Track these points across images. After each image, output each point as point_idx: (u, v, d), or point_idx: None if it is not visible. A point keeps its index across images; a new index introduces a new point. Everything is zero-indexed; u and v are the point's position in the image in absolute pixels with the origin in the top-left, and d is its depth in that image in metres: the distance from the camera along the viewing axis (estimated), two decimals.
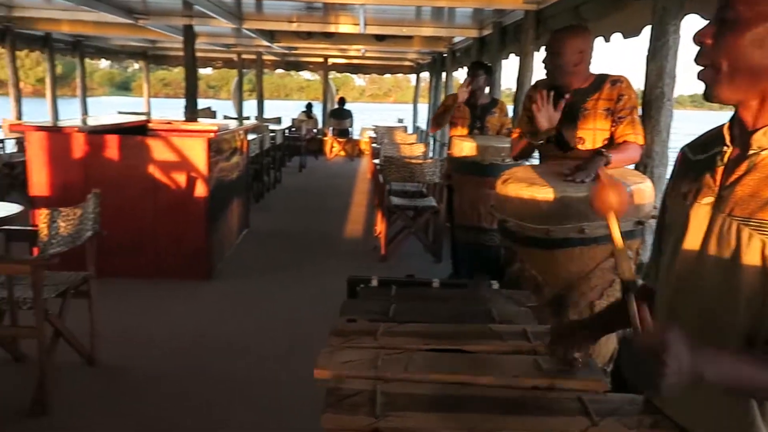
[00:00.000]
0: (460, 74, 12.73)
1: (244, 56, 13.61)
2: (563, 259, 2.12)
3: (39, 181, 4.54)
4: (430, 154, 9.86)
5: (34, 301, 2.70)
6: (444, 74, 10.54)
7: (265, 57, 13.42)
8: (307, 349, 3.52)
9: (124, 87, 52.57)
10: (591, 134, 2.54)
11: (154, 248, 4.68)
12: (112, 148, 4.53)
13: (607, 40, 3.82)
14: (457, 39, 8.99)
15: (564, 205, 2.07)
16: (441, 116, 4.65)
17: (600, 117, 2.53)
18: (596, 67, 2.66)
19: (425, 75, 14.63)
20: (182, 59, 13.77)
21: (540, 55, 2.69)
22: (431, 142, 11.03)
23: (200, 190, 4.66)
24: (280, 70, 16.68)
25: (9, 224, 3.16)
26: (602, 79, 2.58)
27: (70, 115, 10.17)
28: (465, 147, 4.05)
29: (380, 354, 1.43)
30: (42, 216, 2.63)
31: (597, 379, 1.36)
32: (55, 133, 4.53)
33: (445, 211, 4.99)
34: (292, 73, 33.11)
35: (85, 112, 11.10)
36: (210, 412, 2.91)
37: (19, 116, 8.92)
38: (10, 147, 8.11)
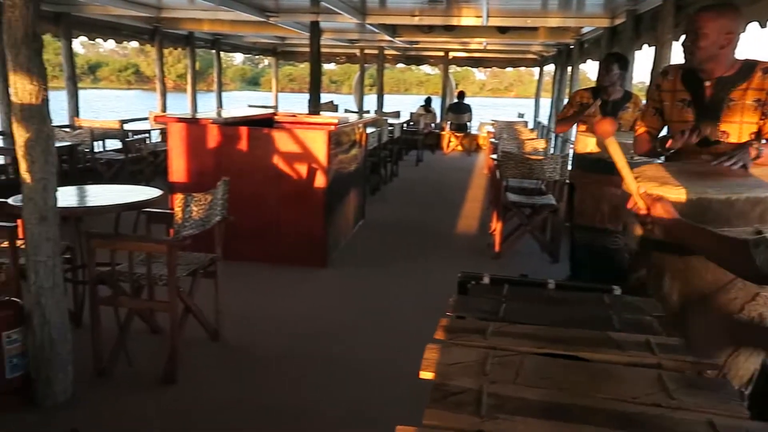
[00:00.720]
0: (588, 67, 12.09)
1: (366, 51, 13.89)
2: (699, 266, 1.93)
3: (178, 168, 4.94)
4: (551, 151, 9.48)
5: (168, 278, 2.93)
6: (570, 67, 10.08)
7: (386, 52, 13.62)
8: (414, 341, 3.53)
9: (253, 82, 55.87)
10: (737, 128, 2.29)
11: (276, 235, 4.92)
12: (242, 138, 4.82)
13: (763, 25, 3.43)
14: (585, 29, 8.55)
15: (701, 207, 1.88)
16: (570, 118, 4.37)
17: (748, 109, 2.26)
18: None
19: (549, 68, 14.09)
20: (308, 55, 14.49)
21: (679, 47, 2.43)
22: (553, 137, 10.61)
23: (320, 180, 4.83)
24: (400, 65, 16.83)
25: (150, 207, 3.46)
26: (751, 66, 2.30)
27: (206, 108, 11.00)
28: (590, 143, 3.84)
29: (489, 354, 1.38)
30: (177, 200, 2.84)
31: (732, 402, 1.22)
32: (193, 124, 4.90)
33: (566, 210, 4.76)
34: (413, 67, 33.39)
35: (219, 105, 11.92)
36: (318, 395, 3.00)
37: (164, 109, 9.77)
38: (155, 137, 8.92)
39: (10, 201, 3.20)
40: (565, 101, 5.59)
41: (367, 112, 13.17)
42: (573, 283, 1.93)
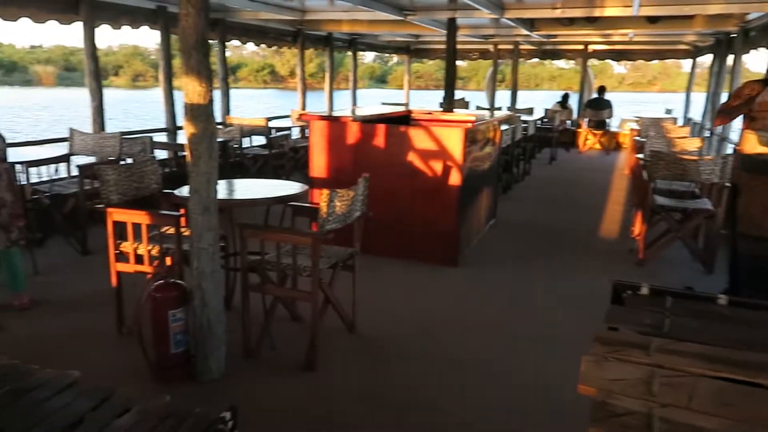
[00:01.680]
0: (751, 57, 10.88)
1: (500, 47, 13.61)
2: None
3: (318, 164, 5.16)
4: (706, 151, 8.66)
5: (311, 269, 3.07)
6: (731, 57, 9.13)
7: (521, 47, 13.24)
8: (551, 349, 3.44)
9: (381, 80, 57.05)
10: None
11: (408, 231, 4.97)
12: (379, 136, 4.92)
13: None
14: (752, 15, 7.68)
15: None
16: (735, 108, 3.91)
17: None
18: None
19: (702, 59, 12.90)
20: (441, 52, 14.46)
21: None
22: (707, 136, 9.68)
23: (454, 178, 4.80)
24: (534, 60, 16.29)
25: (295, 201, 3.64)
26: None
27: (340, 106, 11.38)
28: (760, 142, 3.44)
29: (656, 374, 1.27)
30: (323, 195, 2.96)
31: None
32: (334, 122, 5.09)
33: (725, 216, 4.32)
34: (545, 62, 32.24)
35: (354, 103, 12.30)
36: (449, 394, 2.99)
37: (304, 107, 10.27)
38: (295, 134, 9.41)
39: (175, 192, 3.51)
40: (723, 96, 5.06)
41: (499, 108, 12.90)
42: (749, 300, 1.73)
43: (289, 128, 9.04)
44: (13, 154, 4.15)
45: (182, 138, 7.03)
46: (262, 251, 3.26)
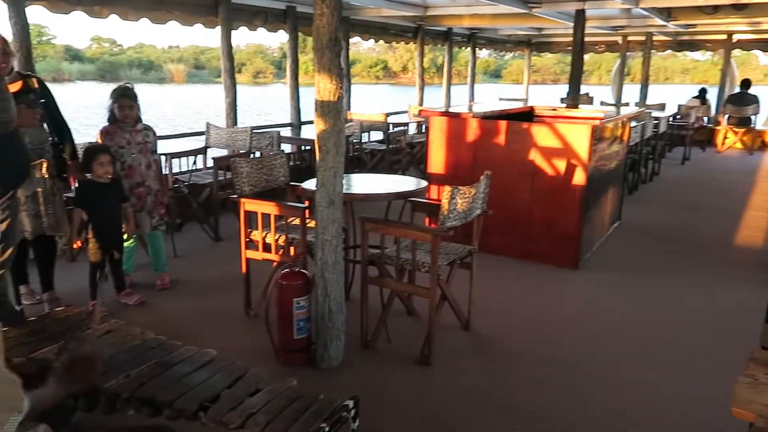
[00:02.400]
0: None
1: (630, 38, 12.82)
2: None
3: (436, 160, 5.16)
4: None
5: (430, 265, 3.08)
6: None
7: (655, 37, 12.38)
8: (685, 365, 3.20)
9: (495, 75, 55.81)
10: None
11: (527, 231, 4.84)
12: (500, 132, 4.83)
13: None
14: None
15: None
16: None
17: None
18: None
19: None
20: (565, 45, 13.89)
21: None
22: None
23: (578, 177, 4.60)
24: (667, 51, 15.13)
25: (415, 197, 3.67)
26: None
27: (454, 101, 11.28)
28: None
29: None
30: (445, 192, 2.95)
31: None
32: (453, 118, 5.06)
33: None
34: (677, 54, 29.93)
35: (472, 98, 12.16)
36: (563, 402, 2.87)
37: (421, 103, 10.32)
38: (412, 129, 9.48)
39: (302, 185, 3.67)
40: None
41: (626, 104, 12.16)
42: None
43: (406, 124, 9.13)
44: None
45: (306, 133, 7.36)
46: (382, 245, 3.33)
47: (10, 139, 2.67)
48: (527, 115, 5.56)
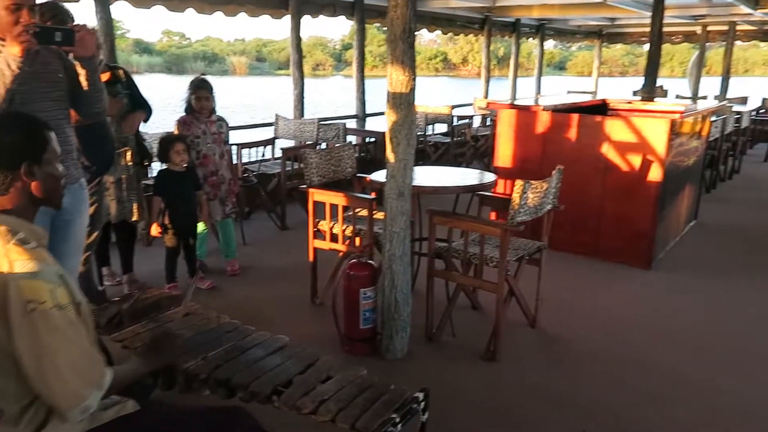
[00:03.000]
0: None
1: (711, 28, 12.14)
2: None
3: (503, 154, 5.07)
4: None
5: (499, 260, 3.03)
6: None
7: (738, 27, 11.68)
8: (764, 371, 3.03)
9: (560, 67, 54.08)
10: None
11: (597, 228, 4.69)
12: (571, 126, 4.69)
13: None
14: None
15: None
16: None
17: None
18: None
19: None
20: (638, 36, 13.32)
21: None
22: None
23: (653, 174, 4.41)
24: (753, 42, 14.25)
25: (483, 191, 3.62)
26: None
27: (517, 94, 11.01)
28: None
29: None
30: (516, 186, 2.90)
31: None
32: (523, 111, 4.96)
33: None
34: (759, 44, 28.17)
35: (538, 91, 11.87)
36: (637, 404, 2.77)
37: (486, 95, 10.17)
38: (477, 122, 9.35)
39: (371, 177, 3.69)
40: None
41: (704, 97, 11.55)
42: None
43: (470, 117, 9.02)
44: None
45: (371, 125, 7.40)
46: (449, 238, 3.30)
47: (101, 128, 2.82)
48: (599, 108, 5.37)
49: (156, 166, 4.30)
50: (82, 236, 2.59)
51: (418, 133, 7.65)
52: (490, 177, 3.75)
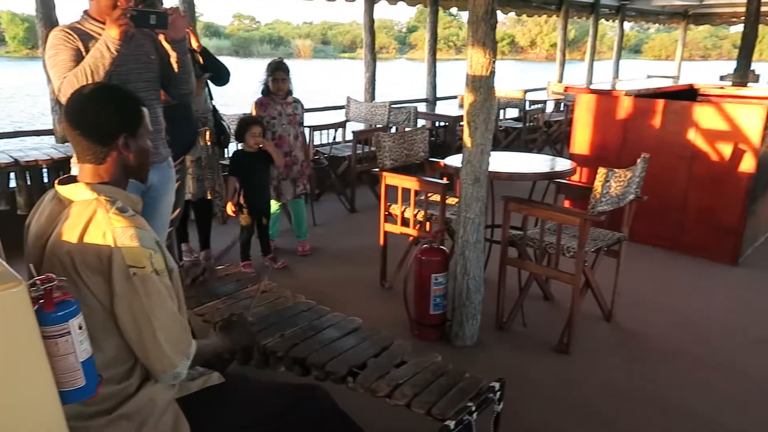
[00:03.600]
0: None
1: None
2: None
3: (580, 140, 4.89)
4: None
5: (577, 251, 2.93)
6: None
7: None
8: None
9: (635, 50, 51.36)
10: None
11: (679, 220, 4.46)
12: (655, 112, 4.46)
13: None
14: None
15: None
16: None
17: None
18: None
19: None
20: (730, 17, 12.49)
21: None
22: None
23: (745, 164, 4.13)
24: None
25: (561, 178, 3.50)
26: None
27: (589, 78, 10.55)
28: None
29: None
30: (599, 174, 2.78)
31: None
32: (603, 96, 4.75)
33: None
34: None
35: (615, 75, 11.38)
36: (740, 414, 2.62)
37: (561, 79, 9.83)
38: (550, 107, 9.07)
39: (444, 161, 3.64)
40: None
41: None
42: None
43: (543, 101, 8.75)
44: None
45: (441, 109, 7.31)
46: (524, 226, 3.22)
47: (184, 109, 2.91)
48: (686, 93, 5.07)
49: (232, 147, 4.43)
50: (168, 213, 2.69)
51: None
52: (566, 164, 3.62)
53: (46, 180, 3.88)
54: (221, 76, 3.77)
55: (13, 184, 3.89)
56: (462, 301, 3.05)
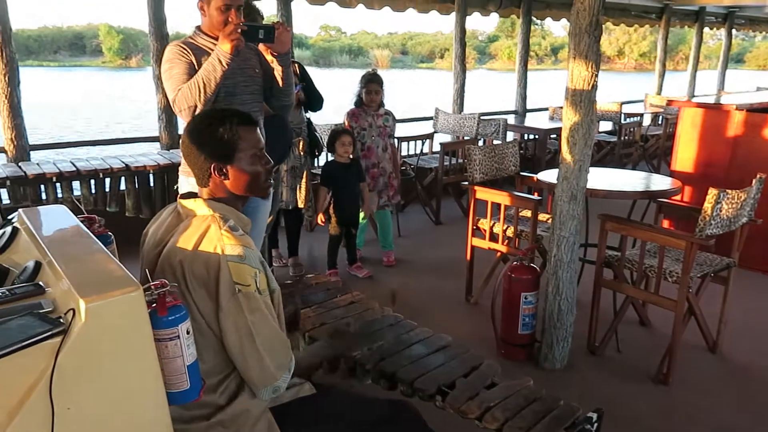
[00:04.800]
0: None
1: None
2: None
3: (684, 157, 4.60)
4: None
5: (681, 275, 2.75)
6: None
7: None
8: None
9: (736, 60, 47.75)
10: None
11: None
12: None
13: None
14: None
15: None
16: None
17: None
18: None
19: None
20: None
21: None
22: None
23: None
24: None
25: (665, 198, 3.31)
26: None
27: (691, 90, 9.92)
28: None
29: None
30: (710, 195, 2.60)
31: None
32: (712, 110, 4.45)
33: None
34: None
35: (721, 87, 10.68)
36: None
37: (660, 91, 9.34)
38: (646, 120, 8.62)
39: (539, 176, 3.53)
40: None
41: None
42: None
43: (640, 114, 8.34)
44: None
45: (530, 121, 7.14)
46: (621, 247, 3.06)
47: (280, 120, 3.00)
48: None
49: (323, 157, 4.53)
50: (265, 221, 2.78)
51: None
52: (666, 182, 3.42)
53: (152, 184, 4.12)
54: (315, 104, 3.90)
55: (122, 187, 4.16)
56: (553, 322, 2.93)
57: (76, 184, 3.90)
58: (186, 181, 2.48)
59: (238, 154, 1.53)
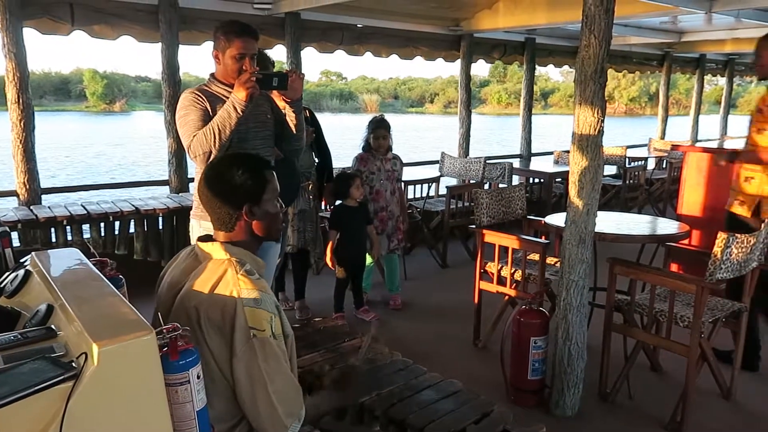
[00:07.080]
0: None
1: None
2: None
3: (690, 200, 4.62)
4: None
5: (693, 320, 2.72)
6: None
7: None
8: None
9: (730, 104, 48.07)
10: None
11: None
12: None
13: None
14: None
15: None
16: None
17: None
18: None
19: None
20: None
21: None
22: None
23: None
24: None
25: (673, 242, 3.30)
26: None
27: (694, 135, 10.01)
28: None
29: None
30: (719, 239, 2.60)
31: None
32: (717, 154, 4.48)
33: None
34: None
35: (724, 132, 10.78)
36: None
37: (663, 135, 9.44)
38: (651, 164, 8.68)
39: (546, 219, 3.54)
40: None
41: None
42: None
43: (644, 158, 8.41)
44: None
45: (535, 165, 7.20)
46: (631, 291, 3.04)
47: (290, 163, 3.05)
48: None
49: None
50: (275, 262, 2.78)
51: None
52: (673, 225, 3.42)
53: (161, 227, 4.15)
54: (324, 159, 4.01)
55: (131, 230, 4.19)
56: (563, 368, 2.89)
57: (85, 227, 3.94)
58: (198, 225, 2.50)
59: (265, 195, 1.58)
